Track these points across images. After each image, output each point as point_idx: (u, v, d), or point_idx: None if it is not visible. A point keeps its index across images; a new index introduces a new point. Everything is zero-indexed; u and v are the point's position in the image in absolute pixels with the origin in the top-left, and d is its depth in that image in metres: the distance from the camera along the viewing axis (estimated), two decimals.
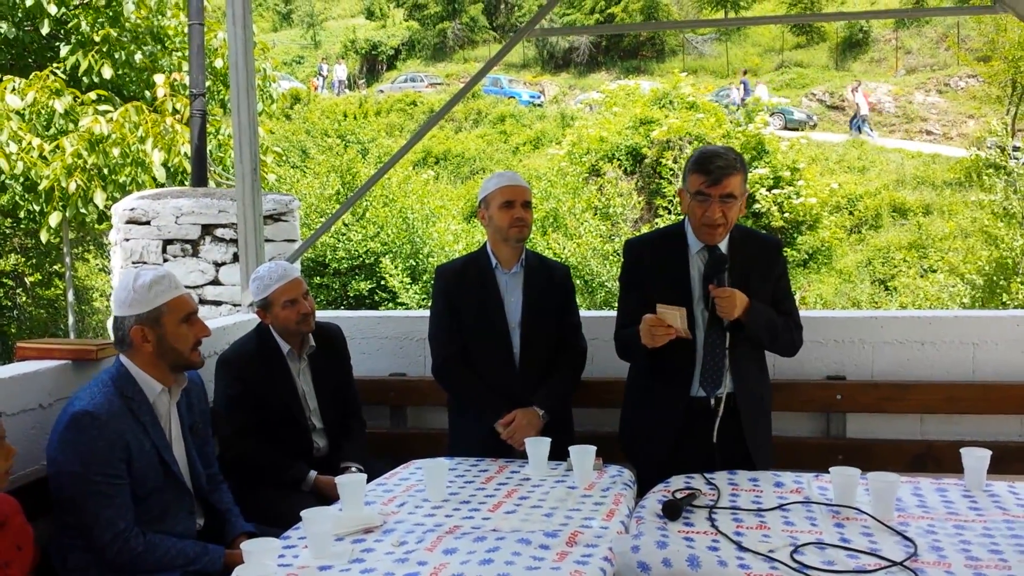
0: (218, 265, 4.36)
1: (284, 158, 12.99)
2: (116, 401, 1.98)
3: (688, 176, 2.34)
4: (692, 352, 2.33)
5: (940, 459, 2.84)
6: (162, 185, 6.51)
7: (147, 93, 7.65)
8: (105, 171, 6.54)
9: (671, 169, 14.94)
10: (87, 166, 6.48)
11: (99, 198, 6.45)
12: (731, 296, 2.23)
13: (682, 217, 2.46)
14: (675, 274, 2.35)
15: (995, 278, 10.77)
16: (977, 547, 1.71)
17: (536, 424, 2.54)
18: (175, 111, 6.91)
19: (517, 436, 2.49)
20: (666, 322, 2.18)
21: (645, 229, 13.68)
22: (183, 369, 2.12)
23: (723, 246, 2.37)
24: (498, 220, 2.61)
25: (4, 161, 6.42)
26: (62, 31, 7.84)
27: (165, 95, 6.97)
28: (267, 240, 3.83)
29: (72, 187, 6.43)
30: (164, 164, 6.57)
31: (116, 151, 6.47)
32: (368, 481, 2.08)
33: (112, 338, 2.11)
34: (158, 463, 2.03)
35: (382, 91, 25.94)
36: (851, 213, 16.18)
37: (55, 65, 7.31)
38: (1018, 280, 10.45)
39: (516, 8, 29.47)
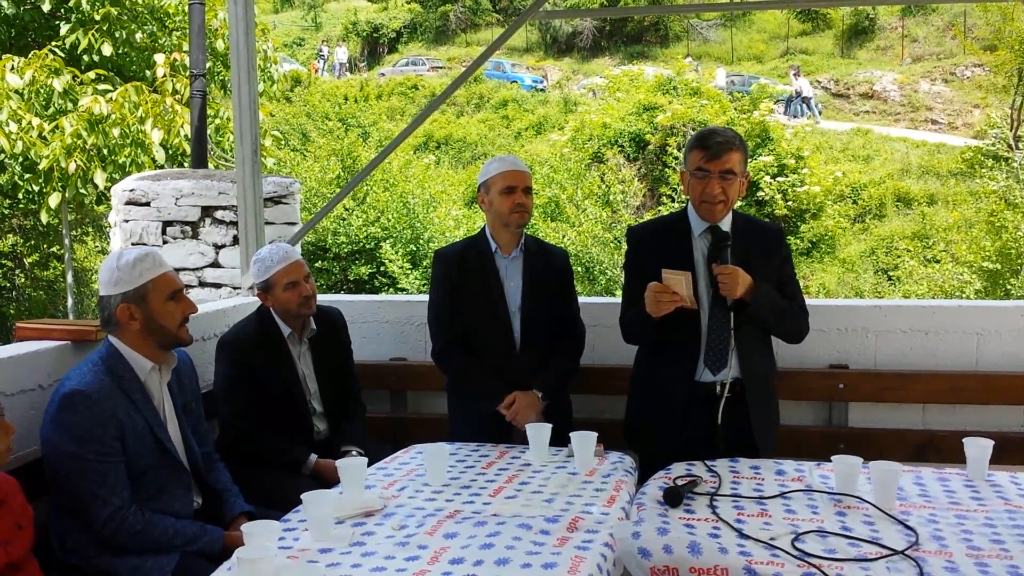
0: (218, 247, 4.34)
1: (284, 141, 12.89)
2: (106, 380, 1.98)
3: (688, 154, 2.36)
4: (697, 333, 2.32)
5: (942, 449, 2.83)
6: (161, 167, 6.47)
7: (147, 73, 7.58)
8: (105, 151, 6.50)
9: (675, 156, 14.86)
10: (87, 146, 6.44)
11: (99, 178, 6.41)
12: (733, 273, 2.22)
13: (684, 204, 2.44)
14: (679, 256, 2.34)
15: (1000, 267, 10.75)
16: (979, 536, 1.71)
17: (536, 406, 2.54)
18: (175, 91, 6.86)
19: (519, 417, 2.49)
20: (671, 288, 2.18)
21: (648, 216, 13.63)
22: (172, 346, 2.11)
23: (725, 229, 2.35)
24: (499, 205, 2.59)
25: (4, 140, 6.38)
26: (62, 10, 7.76)
27: (165, 75, 6.91)
28: (267, 223, 3.81)
29: (72, 167, 6.40)
30: (163, 145, 6.53)
31: (116, 131, 6.43)
32: (368, 465, 2.07)
33: (100, 318, 2.10)
34: (152, 441, 2.03)
35: (383, 74, 25.70)
36: (855, 202, 16.11)
37: (54, 44, 7.24)
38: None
39: None
